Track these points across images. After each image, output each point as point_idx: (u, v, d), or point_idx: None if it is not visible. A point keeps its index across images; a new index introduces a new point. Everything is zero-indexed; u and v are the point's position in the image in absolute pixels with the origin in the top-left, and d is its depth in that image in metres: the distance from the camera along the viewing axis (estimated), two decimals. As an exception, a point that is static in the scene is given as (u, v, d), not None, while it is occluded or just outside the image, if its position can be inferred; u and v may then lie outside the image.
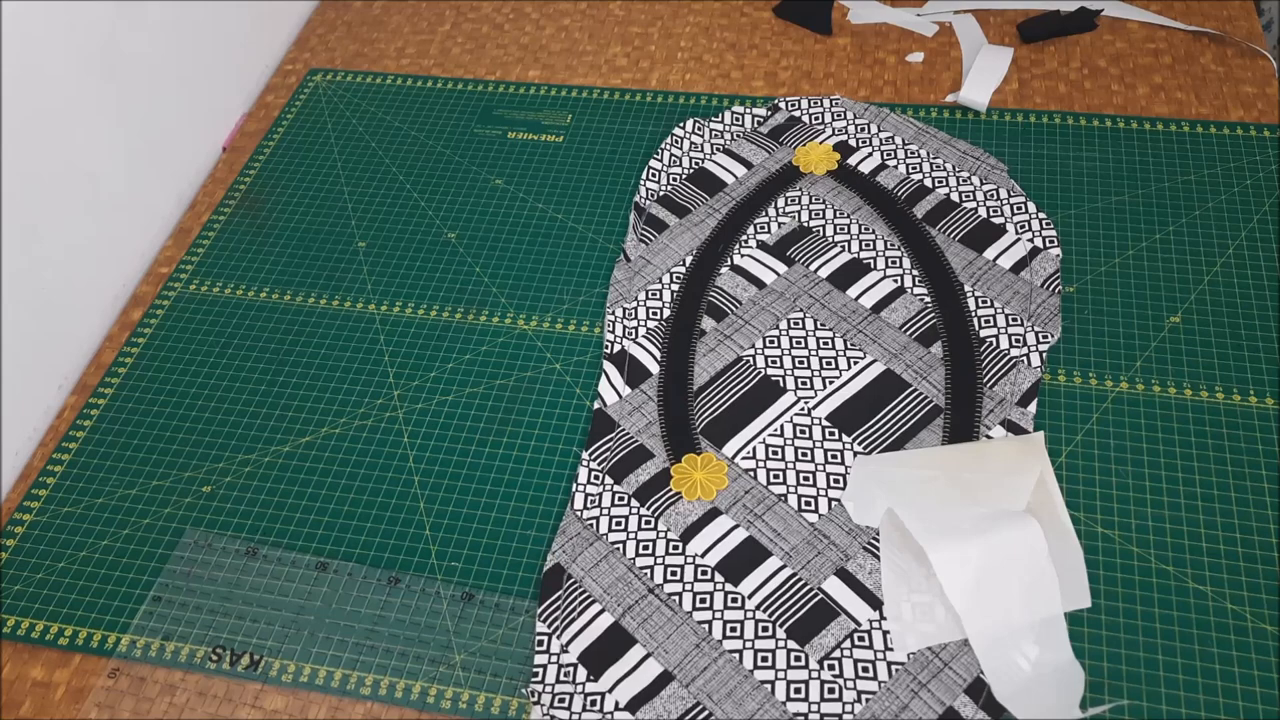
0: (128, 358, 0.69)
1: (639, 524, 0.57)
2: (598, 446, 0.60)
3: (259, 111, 0.85)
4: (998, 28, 0.85)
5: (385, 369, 0.67)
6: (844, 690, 0.51)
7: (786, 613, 0.54)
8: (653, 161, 0.74)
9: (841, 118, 0.77)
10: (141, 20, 0.74)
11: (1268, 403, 0.60)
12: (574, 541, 0.57)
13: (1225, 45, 0.81)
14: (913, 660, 0.52)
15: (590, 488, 0.59)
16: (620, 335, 0.65)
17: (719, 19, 0.89)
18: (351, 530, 0.59)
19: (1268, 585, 0.54)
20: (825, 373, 0.63)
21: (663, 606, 0.54)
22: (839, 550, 0.56)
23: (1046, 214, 0.70)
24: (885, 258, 0.68)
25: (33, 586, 0.58)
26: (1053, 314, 0.64)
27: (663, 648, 0.53)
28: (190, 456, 0.63)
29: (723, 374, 0.63)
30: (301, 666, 0.54)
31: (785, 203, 0.72)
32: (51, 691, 0.55)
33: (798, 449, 0.60)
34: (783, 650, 0.52)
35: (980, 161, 0.73)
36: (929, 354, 0.63)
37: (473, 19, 0.92)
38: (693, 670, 0.52)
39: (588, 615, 0.54)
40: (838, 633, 0.53)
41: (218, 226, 0.76)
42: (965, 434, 0.59)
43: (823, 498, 0.58)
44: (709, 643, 0.53)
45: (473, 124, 0.82)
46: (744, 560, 0.55)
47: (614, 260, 0.71)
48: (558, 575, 0.55)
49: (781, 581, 0.55)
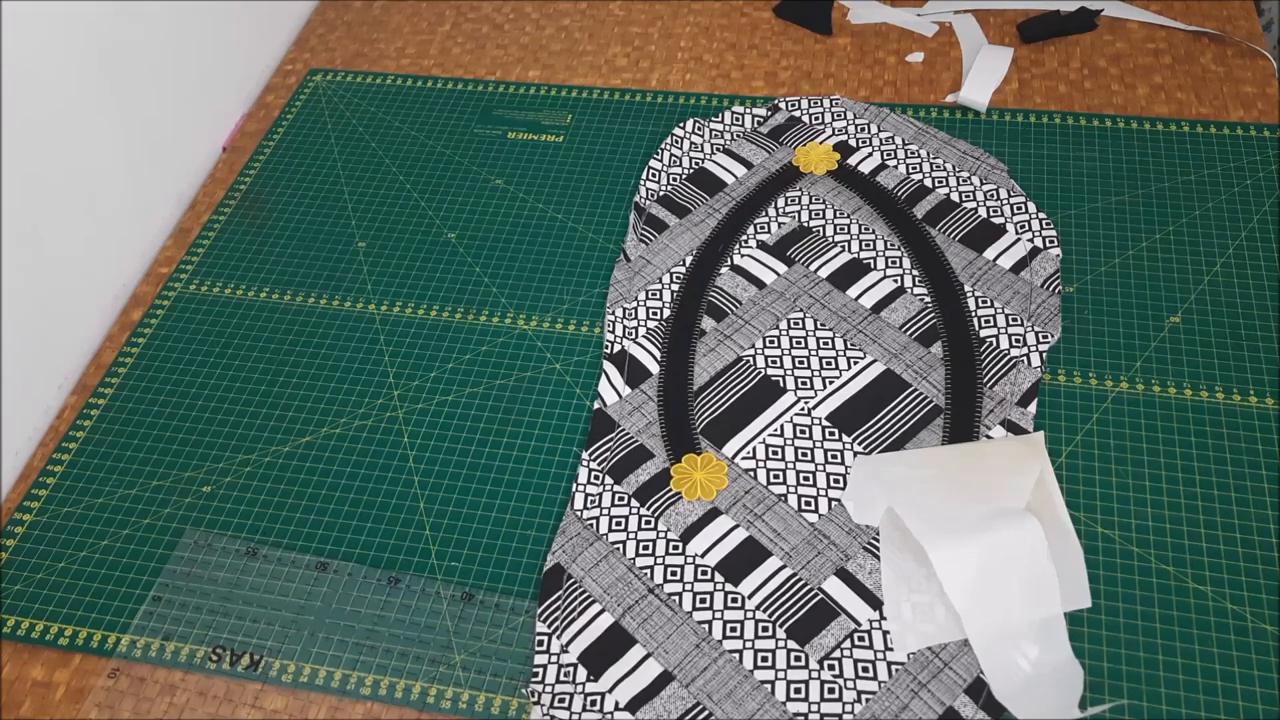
0: (128, 358, 0.69)
1: (639, 524, 0.57)
2: (598, 446, 0.60)
3: (259, 111, 0.85)
4: (998, 28, 0.85)
5: (385, 369, 0.67)
6: (844, 690, 0.51)
7: (786, 613, 0.54)
8: (653, 161, 0.74)
9: (841, 118, 0.77)
10: (141, 20, 0.74)
11: (1268, 403, 0.60)
12: (574, 541, 0.57)
13: (1225, 45, 0.81)
14: (913, 660, 0.52)
15: (590, 488, 0.59)
16: (620, 335, 0.65)
17: (719, 19, 0.89)
18: (351, 530, 0.59)
19: (1268, 585, 0.54)
20: (825, 373, 0.63)
21: (663, 607, 0.54)
22: (839, 550, 0.56)
23: (1046, 214, 0.70)
24: (885, 258, 0.68)
25: (33, 586, 0.58)
26: (1053, 314, 0.64)
27: (663, 648, 0.53)
28: (190, 456, 0.63)
29: (723, 374, 0.63)
30: (301, 666, 0.54)
31: (785, 203, 0.72)
32: (51, 691, 0.55)
33: (798, 449, 0.60)
34: (783, 650, 0.52)
35: (980, 161, 0.73)
36: (929, 354, 0.63)
37: (473, 19, 0.92)
38: (693, 670, 0.52)
39: (588, 615, 0.54)
40: (838, 633, 0.53)
41: (218, 226, 0.76)
42: (965, 434, 0.59)
43: (823, 498, 0.58)
44: (709, 643, 0.53)
45: (473, 124, 0.82)
46: (744, 560, 0.55)
47: (614, 260, 0.71)
48: (558, 575, 0.55)
49: (782, 581, 0.55)
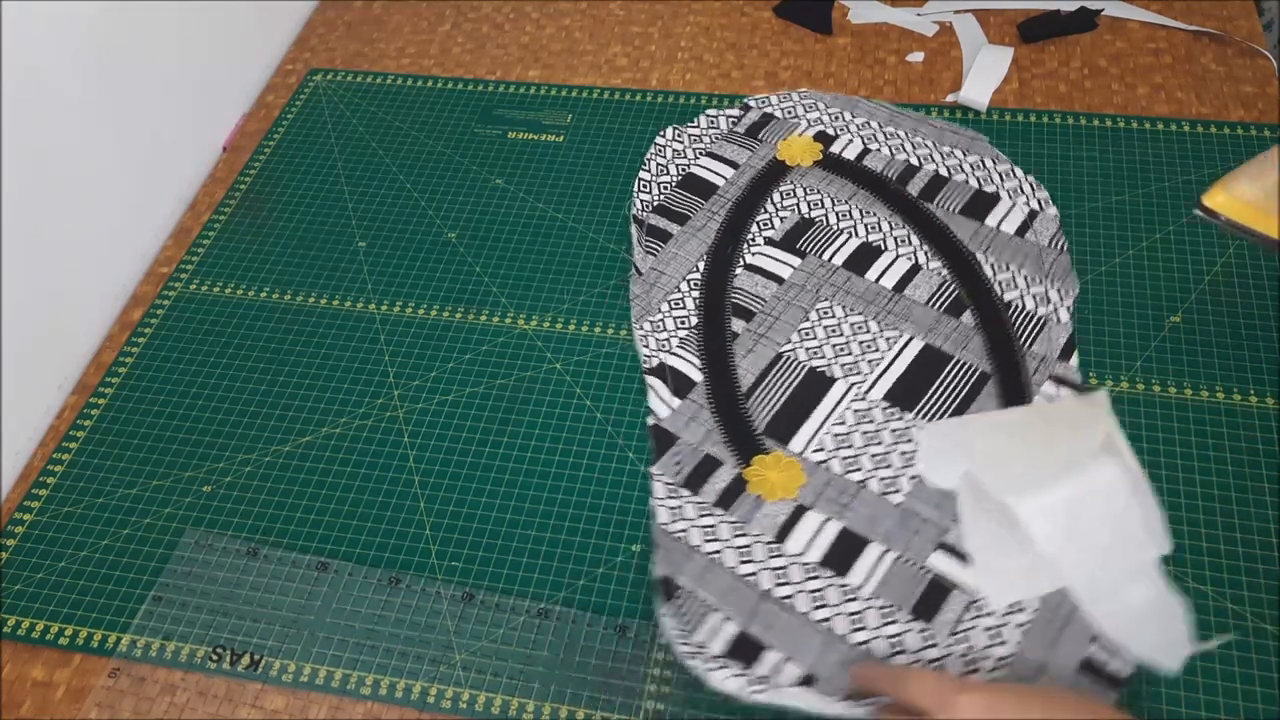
0: (128, 358, 0.69)
1: (731, 532, 0.56)
2: (665, 460, 0.60)
3: (259, 111, 0.85)
4: (998, 27, 0.85)
5: (385, 369, 0.67)
6: (981, 661, 0.51)
7: (904, 596, 0.53)
8: (641, 173, 0.74)
9: (813, 109, 0.78)
10: (142, 20, 0.74)
11: (1268, 402, 0.60)
12: (672, 556, 0.55)
13: (1225, 45, 0.81)
14: (1038, 617, 0.52)
15: (670, 501, 0.58)
16: (655, 349, 0.65)
17: (719, 19, 0.89)
18: (351, 530, 0.60)
19: (1268, 585, 0.54)
20: (868, 356, 0.63)
21: (780, 612, 0.53)
22: (934, 526, 0.56)
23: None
24: (894, 238, 0.69)
25: (33, 586, 0.58)
26: (1067, 270, 0.66)
27: (793, 652, 0.52)
28: (190, 456, 0.63)
29: (768, 373, 0.63)
30: (301, 666, 0.54)
31: (781, 197, 0.72)
32: (52, 691, 0.55)
33: (864, 434, 0.60)
34: (911, 633, 0.52)
35: (959, 135, 0.74)
36: (961, 324, 0.64)
37: (473, 19, 0.92)
38: (829, 668, 0.51)
39: (714, 619, 0.53)
40: (957, 606, 0.53)
41: (218, 226, 0.76)
42: (1019, 397, 0.60)
43: (902, 477, 0.58)
44: (837, 639, 0.52)
45: (473, 124, 0.82)
46: (845, 551, 0.55)
47: (614, 260, 0.71)
48: (670, 585, 0.54)
49: (889, 566, 0.55)
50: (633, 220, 0.72)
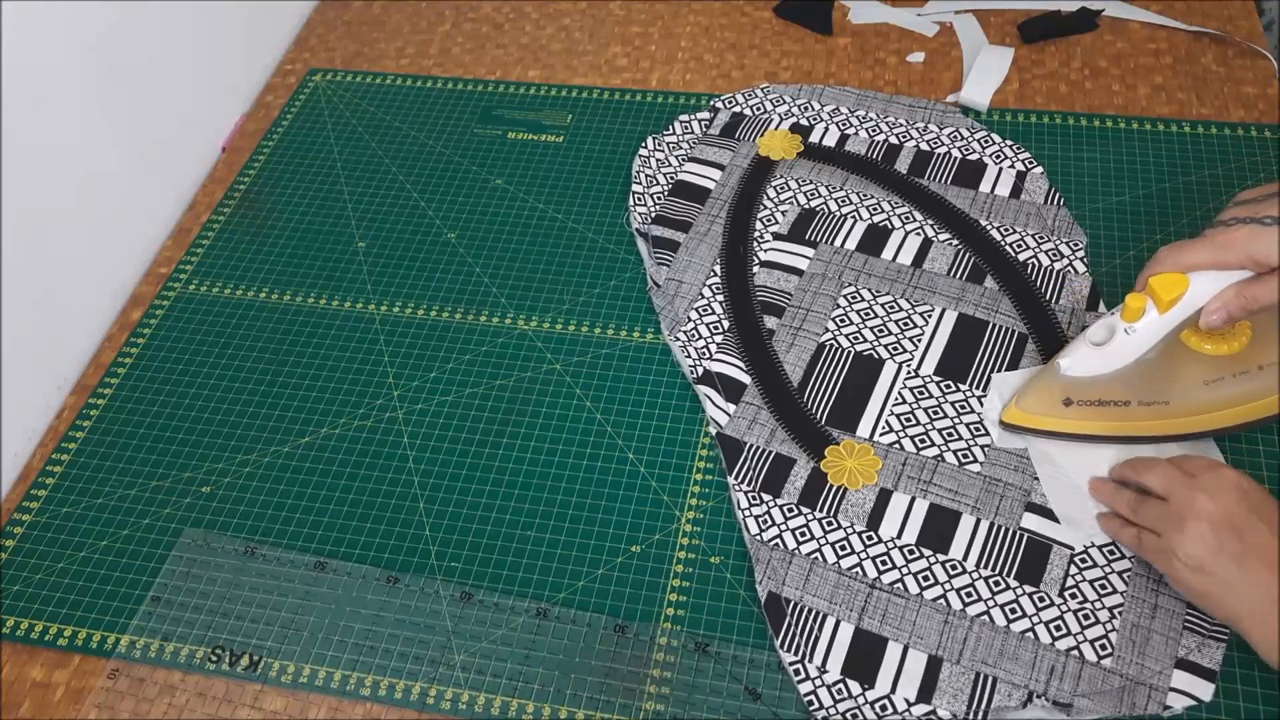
0: (127, 358, 0.69)
1: (823, 529, 0.56)
2: (739, 468, 0.59)
3: (259, 111, 0.85)
4: (998, 28, 0.84)
5: (385, 369, 0.67)
6: (1096, 612, 0.52)
7: (1007, 562, 0.54)
8: (634, 186, 0.74)
9: (781, 102, 0.78)
10: (141, 20, 0.74)
11: (1268, 403, 0.60)
12: (773, 566, 0.55)
13: (1226, 45, 0.81)
14: (1138, 562, 0.53)
15: (755, 509, 0.58)
16: (696, 358, 0.64)
17: (719, 19, 0.89)
18: (351, 530, 0.59)
19: (1269, 586, 0.54)
20: (909, 334, 0.63)
21: (892, 598, 0.53)
22: (1017, 489, 0.56)
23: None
24: (897, 215, 0.70)
25: (32, 587, 0.58)
26: (1070, 223, 0.68)
27: (915, 636, 0.52)
28: (190, 456, 0.63)
29: (815, 364, 0.63)
30: (301, 667, 0.54)
31: (776, 192, 0.72)
32: (51, 692, 0.55)
33: (927, 409, 0.60)
34: (1025, 597, 0.53)
35: (929, 109, 0.76)
36: (987, 289, 0.65)
37: (473, 19, 0.92)
38: (955, 646, 0.51)
39: (827, 630, 0.53)
40: (1060, 563, 0.53)
41: (218, 226, 0.76)
42: (1057, 349, 0.60)
43: (975, 446, 0.58)
44: (955, 615, 0.52)
45: (473, 124, 0.82)
46: (940, 527, 0.56)
47: (614, 261, 0.71)
48: (777, 602, 0.54)
49: (985, 534, 0.55)
50: (637, 235, 0.72)
